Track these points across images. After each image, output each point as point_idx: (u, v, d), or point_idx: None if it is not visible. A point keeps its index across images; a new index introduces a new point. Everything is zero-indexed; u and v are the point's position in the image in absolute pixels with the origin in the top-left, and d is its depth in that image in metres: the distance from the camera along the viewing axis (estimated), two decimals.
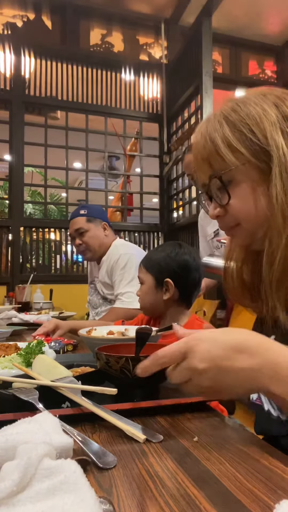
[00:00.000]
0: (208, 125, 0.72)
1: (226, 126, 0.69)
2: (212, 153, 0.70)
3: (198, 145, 0.73)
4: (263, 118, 0.67)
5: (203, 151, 0.72)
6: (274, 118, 0.67)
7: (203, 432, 0.60)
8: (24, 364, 0.90)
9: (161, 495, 0.42)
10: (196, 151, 0.75)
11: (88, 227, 2.27)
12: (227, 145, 0.68)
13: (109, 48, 4.18)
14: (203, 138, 0.72)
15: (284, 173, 0.66)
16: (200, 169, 0.75)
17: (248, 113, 0.68)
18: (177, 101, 4.02)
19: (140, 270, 1.36)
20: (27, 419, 0.48)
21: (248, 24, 4.06)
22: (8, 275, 3.67)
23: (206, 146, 0.71)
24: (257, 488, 0.43)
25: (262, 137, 0.67)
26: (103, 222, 2.32)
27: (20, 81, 3.78)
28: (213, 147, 0.70)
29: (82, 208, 2.34)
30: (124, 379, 0.71)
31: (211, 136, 0.70)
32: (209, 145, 0.70)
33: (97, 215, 2.33)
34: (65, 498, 0.34)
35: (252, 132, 0.67)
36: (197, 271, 1.31)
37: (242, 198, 0.70)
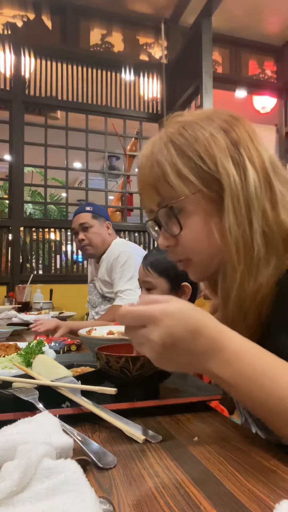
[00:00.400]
0: (154, 149, 0.68)
1: (174, 151, 0.65)
2: (160, 179, 0.66)
3: (144, 170, 0.69)
4: (212, 144, 0.64)
5: (149, 177, 0.68)
6: (223, 144, 0.64)
7: (203, 432, 0.60)
8: (24, 364, 0.90)
9: (161, 495, 0.42)
10: (142, 176, 0.70)
11: (93, 223, 2.29)
12: (176, 173, 0.65)
13: (109, 48, 4.18)
14: (149, 162, 0.68)
15: (237, 204, 0.62)
16: (147, 195, 0.70)
17: (196, 138, 0.65)
18: (177, 101, 4.02)
19: (148, 274, 1.28)
20: (27, 419, 0.48)
21: (248, 24, 4.05)
22: (8, 275, 3.67)
23: (153, 171, 0.67)
24: (257, 488, 0.43)
25: (212, 164, 0.63)
26: (107, 221, 2.36)
27: (20, 81, 3.78)
28: (161, 174, 0.66)
29: (88, 205, 2.38)
30: (124, 379, 0.71)
31: (159, 162, 0.66)
32: (156, 171, 0.66)
33: (102, 213, 2.37)
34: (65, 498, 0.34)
35: (201, 159, 0.64)
36: None
37: (194, 230, 0.66)
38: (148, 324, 0.51)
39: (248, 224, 0.62)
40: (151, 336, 0.51)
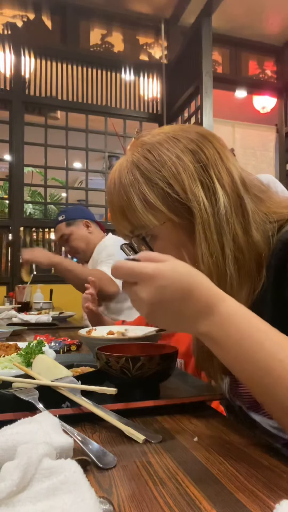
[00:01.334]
0: (121, 175, 0.66)
1: (141, 179, 0.63)
2: (128, 208, 0.64)
3: (112, 197, 0.67)
4: (179, 169, 0.62)
5: (118, 204, 0.66)
6: (191, 168, 0.62)
7: (203, 432, 0.60)
8: (24, 364, 0.90)
9: (161, 495, 0.42)
10: (111, 203, 0.68)
11: (70, 231, 2.25)
12: (144, 202, 0.63)
13: (109, 48, 4.18)
14: (117, 188, 0.66)
15: (208, 232, 0.60)
16: (118, 222, 0.68)
17: (163, 162, 0.62)
18: (177, 101, 4.02)
19: None
20: (27, 419, 0.48)
21: (248, 24, 4.06)
22: (8, 275, 3.67)
23: (121, 198, 0.65)
24: (257, 488, 0.43)
25: (181, 191, 0.61)
26: (84, 220, 2.29)
27: (20, 81, 3.78)
28: (129, 203, 0.64)
29: (60, 214, 2.34)
30: (124, 379, 0.71)
31: (126, 190, 0.64)
32: (124, 199, 0.64)
33: (75, 215, 2.31)
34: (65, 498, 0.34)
35: (169, 186, 0.62)
36: None
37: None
38: (139, 282, 0.51)
39: (220, 250, 0.61)
40: (140, 294, 0.50)
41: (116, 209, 0.67)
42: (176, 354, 0.76)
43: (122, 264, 0.52)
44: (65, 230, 2.26)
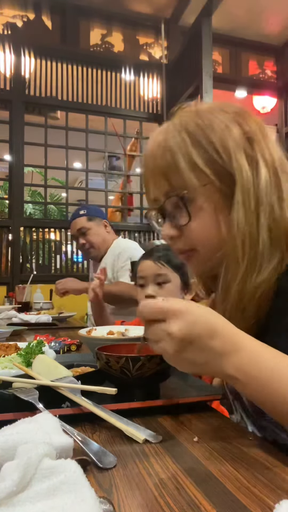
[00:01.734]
0: (167, 137, 0.66)
1: (189, 141, 0.64)
2: (172, 168, 0.65)
3: (155, 157, 0.67)
4: (227, 137, 0.63)
5: (160, 164, 0.66)
6: (238, 137, 0.64)
7: (203, 432, 0.60)
8: (24, 364, 0.90)
9: (161, 495, 0.42)
10: (152, 163, 0.68)
11: (89, 225, 2.31)
12: (190, 163, 0.64)
13: (109, 48, 4.18)
14: (161, 149, 0.66)
15: (247, 199, 0.62)
16: (154, 183, 0.69)
17: (212, 129, 0.64)
18: (177, 101, 4.01)
19: (162, 267, 1.27)
20: (27, 419, 0.48)
21: (248, 24, 4.06)
22: (8, 275, 3.67)
23: (164, 159, 0.66)
24: (257, 488, 0.43)
25: (227, 158, 0.63)
26: (103, 220, 2.37)
27: (20, 81, 3.78)
28: (173, 163, 0.64)
29: (81, 209, 2.39)
30: (124, 379, 0.71)
31: (172, 150, 0.65)
32: (168, 159, 0.65)
33: (96, 213, 2.39)
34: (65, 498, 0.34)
35: (216, 152, 0.63)
36: None
37: (202, 221, 0.66)
38: (169, 318, 0.51)
39: (256, 218, 0.62)
40: (171, 329, 0.50)
41: (156, 170, 0.67)
42: None
43: (149, 302, 0.53)
44: (86, 223, 2.31)
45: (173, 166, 0.65)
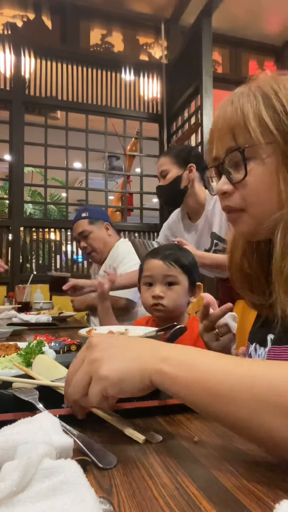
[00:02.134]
0: (241, 97, 0.69)
1: (262, 102, 0.67)
2: (240, 125, 0.67)
3: (226, 115, 0.69)
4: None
5: (229, 121, 0.68)
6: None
7: (203, 432, 0.60)
8: (24, 364, 0.90)
9: (161, 495, 0.42)
10: (222, 120, 0.70)
11: (91, 229, 2.31)
12: (258, 121, 0.66)
13: (109, 48, 4.18)
14: (233, 108, 0.68)
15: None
16: (220, 140, 0.71)
17: (285, 94, 0.66)
18: (177, 101, 4.02)
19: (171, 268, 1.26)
20: (27, 419, 0.48)
21: (248, 24, 4.06)
22: (8, 275, 3.67)
23: (234, 117, 0.68)
24: (257, 488, 0.43)
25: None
26: (105, 223, 2.36)
27: (20, 81, 3.78)
28: (243, 119, 0.67)
29: (84, 211, 2.38)
30: None
31: (243, 107, 0.67)
32: (238, 116, 0.67)
33: (98, 216, 2.38)
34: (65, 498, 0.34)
35: (286, 114, 0.65)
36: None
37: (259, 179, 0.67)
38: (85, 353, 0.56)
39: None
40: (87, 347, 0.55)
41: (225, 127, 0.69)
42: None
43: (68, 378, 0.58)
44: (87, 227, 2.31)
45: (241, 123, 0.67)
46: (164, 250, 1.31)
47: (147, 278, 1.29)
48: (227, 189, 0.69)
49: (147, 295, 1.27)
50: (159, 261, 1.27)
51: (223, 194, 0.70)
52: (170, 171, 1.91)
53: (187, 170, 1.89)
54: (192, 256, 1.34)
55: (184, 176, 1.90)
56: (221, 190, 0.70)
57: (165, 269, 1.25)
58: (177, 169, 1.90)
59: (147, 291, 1.28)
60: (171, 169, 1.91)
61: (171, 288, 1.25)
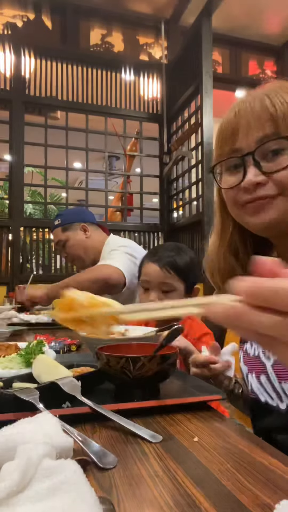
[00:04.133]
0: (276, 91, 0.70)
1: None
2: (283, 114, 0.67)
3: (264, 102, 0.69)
4: None
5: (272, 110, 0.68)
6: None
7: (203, 432, 0.60)
8: (24, 364, 0.90)
9: (161, 495, 0.42)
10: (255, 111, 0.70)
11: (65, 236, 2.15)
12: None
13: (109, 48, 4.18)
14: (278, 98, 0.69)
15: None
16: (252, 129, 0.70)
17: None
18: (177, 101, 4.02)
19: (167, 275, 1.25)
20: (27, 419, 0.48)
21: (248, 24, 4.06)
22: (8, 275, 3.67)
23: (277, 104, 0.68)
24: (257, 488, 0.43)
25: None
26: (81, 224, 2.18)
27: (20, 81, 3.78)
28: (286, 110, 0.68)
29: (56, 218, 2.23)
30: (124, 379, 0.71)
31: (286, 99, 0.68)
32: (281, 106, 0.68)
33: (71, 219, 2.19)
34: (65, 498, 0.34)
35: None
36: None
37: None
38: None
39: None
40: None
41: (262, 114, 0.69)
42: (176, 355, 0.76)
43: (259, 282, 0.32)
44: (61, 235, 2.16)
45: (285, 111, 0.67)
46: (163, 252, 1.30)
47: (144, 282, 1.30)
48: (261, 180, 0.69)
49: (144, 299, 1.29)
50: (157, 267, 1.26)
51: (255, 186, 0.69)
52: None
53: None
54: (191, 255, 1.32)
55: None
56: (254, 182, 0.69)
57: (162, 276, 1.25)
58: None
59: (143, 294, 1.30)
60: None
61: (167, 295, 1.25)
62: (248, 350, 0.85)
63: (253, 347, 0.83)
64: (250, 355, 0.83)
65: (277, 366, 0.75)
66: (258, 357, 0.80)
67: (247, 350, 0.85)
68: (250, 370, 0.82)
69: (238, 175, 0.71)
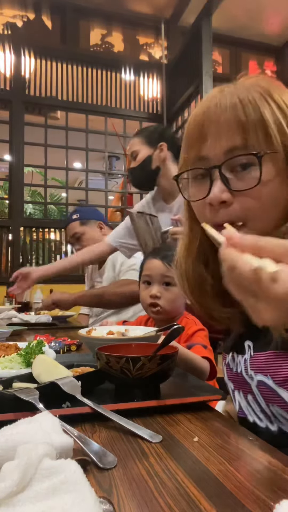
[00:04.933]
0: (249, 95, 0.62)
1: (274, 105, 0.61)
2: (255, 125, 0.60)
3: (234, 109, 0.61)
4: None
5: (241, 118, 0.61)
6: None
7: (203, 432, 0.60)
8: (24, 364, 0.90)
9: (161, 495, 0.42)
10: (225, 114, 0.62)
11: (82, 230, 2.26)
12: (277, 126, 0.60)
13: (109, 48, 4.18)
14: (243, 104, 0.61)
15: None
16: (220, 136, 0.62)
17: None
18: (177, 101, 4.02)
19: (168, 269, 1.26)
20: (27, 419, 0.48)
21: (248, 24, 4.06)
22: (8, 275, 3.67)
23: (249, 114, 0.60)
24: (257, 488, 0.43)
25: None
26: (98, 222, 2.31)
27: (20, 81, 3.78)
28: (260, 121, 0.60)
29: (74, 213, 2.34)
30: (124, 379, 0.71)
31: (258, 109, 0.61)
32: (252, 115, 0.60)
33: (90, 216, 2.33)
34: (65, 498, 0.34)
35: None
36: None
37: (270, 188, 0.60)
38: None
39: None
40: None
41: (232, 123, 0.61)
42: (176, 355, 0.76)
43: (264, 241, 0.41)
44: (79, 228, 2.27)
45: (257, 124, 0.60)
46: (165, 251, 1.32)
47: (145, 277, 1.31)
48: (226, 198, 0.61)
49: (145, 294, 1.29)
50: (159, 261, 1.28)
51: (220, 204, 0.62)
52: (140, 151, 1.82)
53: (158, 150, 1.81)
54: None
55: (155, 156, 1.81)
56: (219, 199, 0.61)
57: (164, 269, 1.26)
58: (147, 149, 1.81)
59: (145, 289, 1.30)
60: (141, 149, 1.82)
61: (168, 288, 1.26)
62: (230, 365, 0.77)
63: (235, 362, 0.75)
64: (233, 371, 0.76)
65: (261, 387, 0.68)
66: (241, 374, 0.73)
67: (230, 364, 0.78)
68: (236, 387, 0.76)
69: (204, 186, 0.64)
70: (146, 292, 1.28)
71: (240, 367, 0.73)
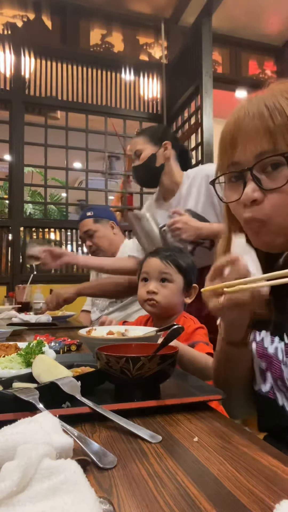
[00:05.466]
0: (275, 101, 0.66)
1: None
2: (282, 129, 0.65)
3: (262, 117, 0.66)
4: None
5: (268, 123, 0.65)
6: None
7: (203, 432, 0.60)
8: (24, 364, 0.90)
9: (161, 495, 0.42)
10: (253, 122, 0.67)
11: (96, 227, 2.32)
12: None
13: (109, 48, 4.18)
14: (270, 110, 0.66)
15: None
16: (250, 142, 0.67)
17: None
18: (177, 101, 4.02)
19: (168, 267, 1.30)
20: (27, 419, 0.48)
21: (248, 24, 4.06)
22: (8, 275, 3.67)
23: (276, 119, 0.65)
24: (257, 488, 0.43)
25: None
26: (111, 221, 2.37)
27: (20, 81, 3.78)
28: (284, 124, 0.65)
29: (89, 210, 2.40)
30: (124, 379, 0.71)
31: (286, 113, 0.65)
32: (280, 120, 0.65)
33: (103, 215, 2.38)
34: (65, 498, 0.34)
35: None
36: None
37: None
38: None
39: None
40: None
41: (260, 130, 0.66)
42: (176, 354, 0.76)
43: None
44: (92, 225, 2.32)
45: (284, 127, 0.65)
46: (164, 251, 1.34)
47: (144, 274, 1.34)
48: (258, 196, 0.67)
49: (142, 290, 1.31)
50: (157, 259, 1.31)
51: (252, 202, 0.68)
52: (145, 150, 1.86)
53: (162, 148, 1.84)
54: (191, 259, 1.36)
55: (159, 154, 1.85)
56: (251, 198, 0.67)
57: (161, 266, 1.29)
58: (152, 148, 1.85)
59: (143, 286, 1.33)
60: (145, 148, 1.86)
61: (165, 285, 1.29)
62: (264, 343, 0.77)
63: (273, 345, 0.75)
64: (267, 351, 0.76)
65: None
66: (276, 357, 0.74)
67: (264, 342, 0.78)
68: (268, 368, 0.76)
69: (239, 188, 0.70)
70: (144, 289, 1.31)
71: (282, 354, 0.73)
